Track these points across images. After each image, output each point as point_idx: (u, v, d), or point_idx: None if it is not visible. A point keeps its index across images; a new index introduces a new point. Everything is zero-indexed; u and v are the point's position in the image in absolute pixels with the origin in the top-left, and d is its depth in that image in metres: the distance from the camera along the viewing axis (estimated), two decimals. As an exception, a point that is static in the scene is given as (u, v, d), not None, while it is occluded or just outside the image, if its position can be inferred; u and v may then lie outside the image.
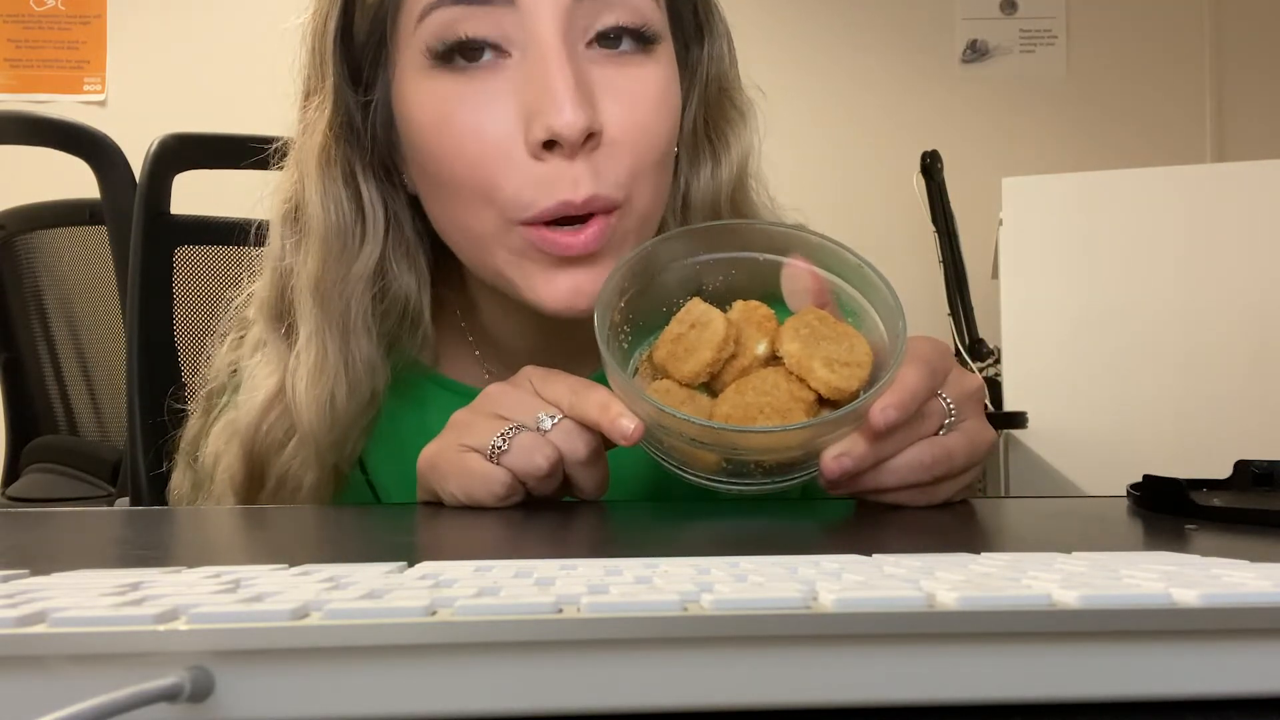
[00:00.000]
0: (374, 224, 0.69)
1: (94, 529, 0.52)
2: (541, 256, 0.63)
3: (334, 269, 0.68)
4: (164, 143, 1.06)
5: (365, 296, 0.69)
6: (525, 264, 0.64)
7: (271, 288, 0.72)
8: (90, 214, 1.54)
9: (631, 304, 0.62)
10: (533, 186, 0.61)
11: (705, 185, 0.72)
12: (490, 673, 0.20)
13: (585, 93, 0.61)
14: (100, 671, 0.20)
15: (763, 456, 0.56)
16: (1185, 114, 2.88)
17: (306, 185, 0.69)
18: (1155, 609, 0.21)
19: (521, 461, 0.57)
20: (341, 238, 0.68)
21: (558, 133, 0.60)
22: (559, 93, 0.60)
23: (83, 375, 1.78)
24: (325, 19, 0.68)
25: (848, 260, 0.61)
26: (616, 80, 0.63)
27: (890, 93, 2.90)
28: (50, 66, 2.86)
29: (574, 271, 0.63)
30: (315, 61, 0.69)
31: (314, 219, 0.69)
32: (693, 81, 0.72)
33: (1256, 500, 0.58)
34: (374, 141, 0.69)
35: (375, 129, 0.68)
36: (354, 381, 0.68)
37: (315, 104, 0.69)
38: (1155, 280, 1.86)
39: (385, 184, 0.70)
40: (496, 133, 0.62)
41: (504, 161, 0.62)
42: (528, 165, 0.62)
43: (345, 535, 0.53)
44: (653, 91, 0.65)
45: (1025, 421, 1.89)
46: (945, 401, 0.57)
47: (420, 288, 0.71)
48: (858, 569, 0.27)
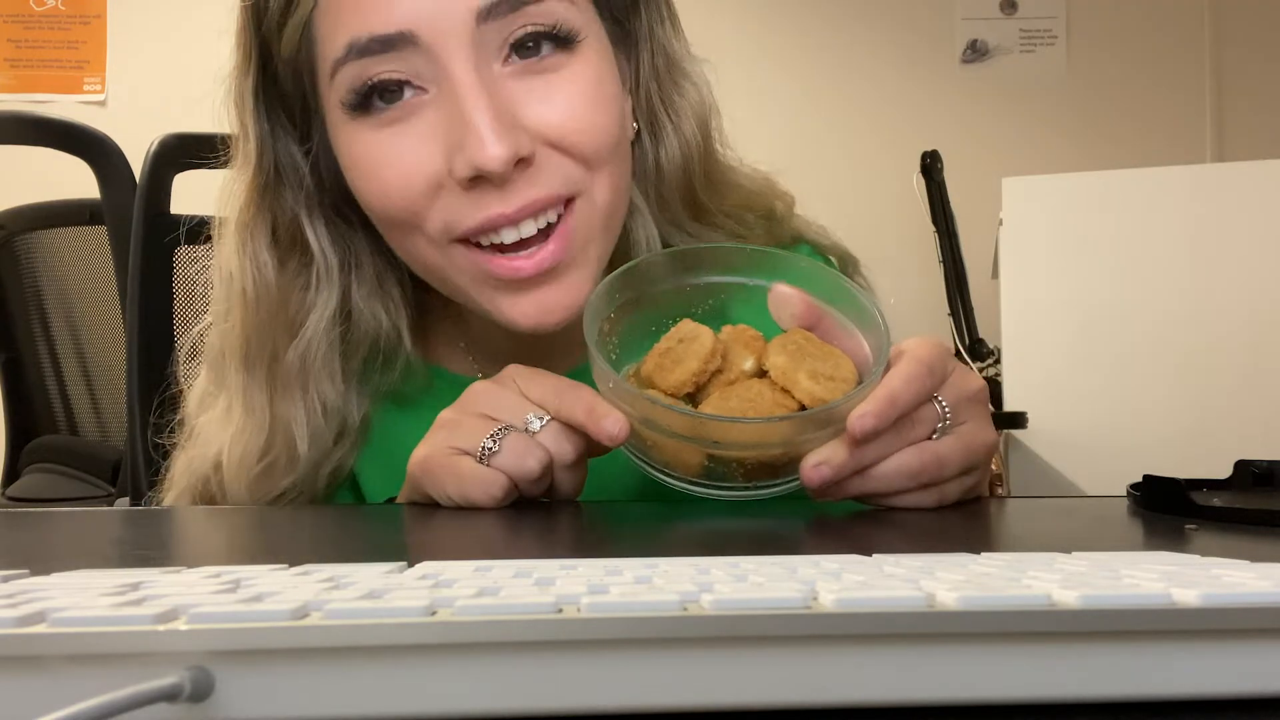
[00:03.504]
0: (327, 269, 0.69)
1: (94, 529, 0.52)
2: (495, 282, 0.63)
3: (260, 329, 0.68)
4: (164, 143, 1.06)
5: (323, 342, 0.68)
6: (485, 288, 0.64)
7: (220, 340, 0.72)
8: (90, 214, 1.54)
9: (620, 324, 0.62)
10: (463, 208, 0.61)
11: (674, 158, 0.72)
12: (490, 673, 0.20)
13: (505, 120, 0.60)
14: (100, 671, 0.20)
15: (744, 453, 0.56)
16: (1185, 114, 2.88)
17: (226, 247, 0.69)
18: (1155, 609, 0.21)
19: (513, 464, 0.57)
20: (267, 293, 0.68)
21: (483, 168, 0.59)
22: (478, 128, 0.59)
23: (83, 375, 1.78)
24: (242, 79, 0.67)
25: (832, 281, 0.62)
26: (542, 88, 0.62)
27: (890, 93, 2.90)
28: (50, 66, 2.86)
29: (538, 290, 0.63)
30: (237, 122, 0.68)
31: (234, 281, 0.69)
32: (639, 54, 0.71)
33: (1256, 500, 0.58)
34: (323, 186, 0.69)
35: (322, 174, 0.68)
36: (311, 432, 0.68)
37: (239, 164, 0.69)
38: (1155, 280, 1.86)
39: (339, 224, 0.70)
40: (424, 172, 0.61)
41: (433, 194, 0.62)
42: (458, 195, 0.61)
43: (345, 535, 0.53)
44: (582, 88, 0.63)
45: (1025, 421, 1.89)
46: (941, 405, 0.56)
47: (395, 318, 0.71)
48: (858, 569, 0.27)
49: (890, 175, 2.66)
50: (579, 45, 0.63)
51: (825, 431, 0.54)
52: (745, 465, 0.57)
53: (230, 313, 0.70)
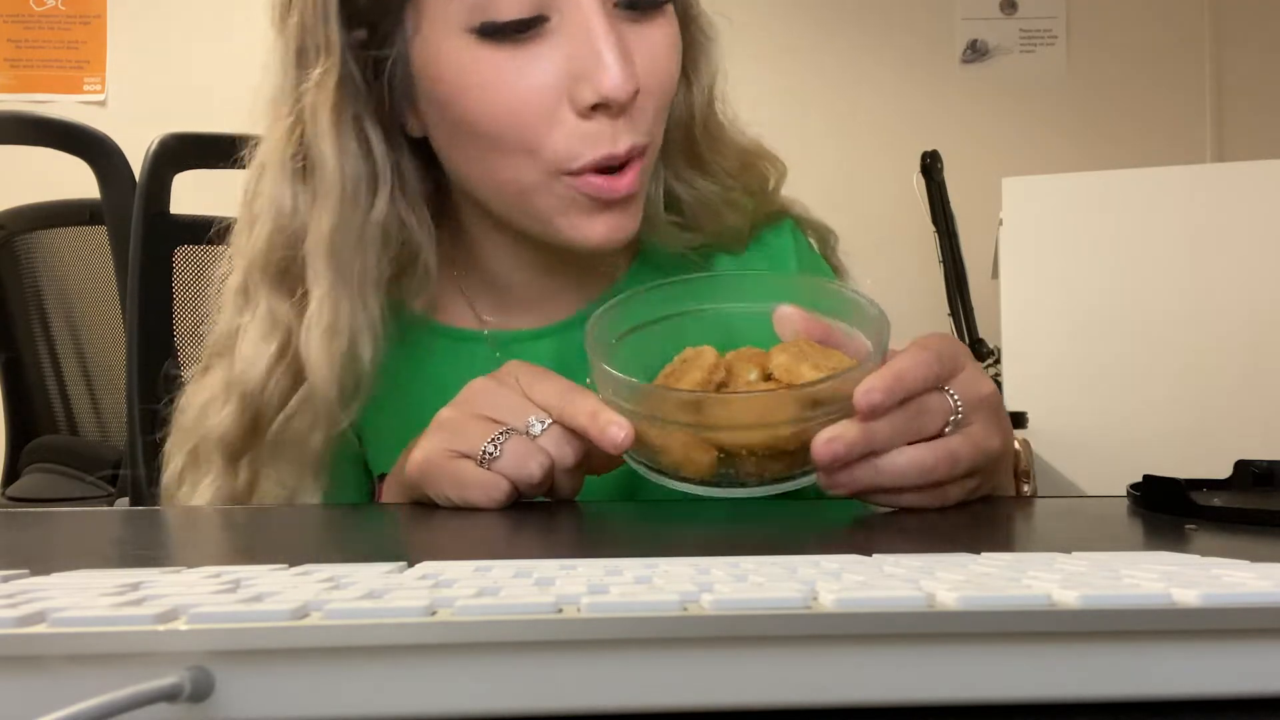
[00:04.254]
0: (384, 177, 0.70)
1: (94, 529, 0.52)
2: (585, 202, 0.66)
3: (348, 226, 0.68)
4: (164, 142, 1.06)
5: (375, 250, 0.69)
6: (569, 210, 0.67)
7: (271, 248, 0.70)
8: (90, 214, 1.54)
9: (619, 353, 0.62)
10: (579, 141, 0.64)
11: (681, 108, 0.75)
12: (490, 673, 0.20)
13: (627, 54, 0.64)
14: (100, 671, 0.20)
15: (751, 436, 0.55)
16: (1185, 114, 2.88)
17: (319, 141, 0.68)
18: (1155, 609, 0.21)
19: (515, 469, 0.57)
20: (355, 194, 0.69)
21: (608, 96, 0.62)
22: (606, 57, 0.62)
23: (83, 375, 1.79)
24: None
25: (831, 292, 0.64)
26: (641, 38, 0.66)
27: (890, 93, 2.90)
28: (50, 66, 2.86)
29: (612, 213, 0.67)
30: (318, 19, 0.67)
31: (329, 176, 0.68)
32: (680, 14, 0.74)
33: (1256, 500, 0.58)
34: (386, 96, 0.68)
35: (389, 83, 0.68)
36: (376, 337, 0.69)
37: (320, 61, 0.68)
38: (1155, 280, 1.86)
39: (390, 133, 0.70)
40: (542, 97, 0.64)
41: (549, 121, 0.64)
42: (574, 123, 0.64)
43: (345, 535, 0.53)
44: (669, 45, 0.68)
45: (1025, 421, 1.89)
46: (952, 398, 0.55)
47: (427, 235, 0.73)
48: (858, 569, 0.27)
49: (890, 175, 2.66)
50: (667, 7, 0.68)
51: (834, 413, 0.53)
52: (756, 454, 0.56)
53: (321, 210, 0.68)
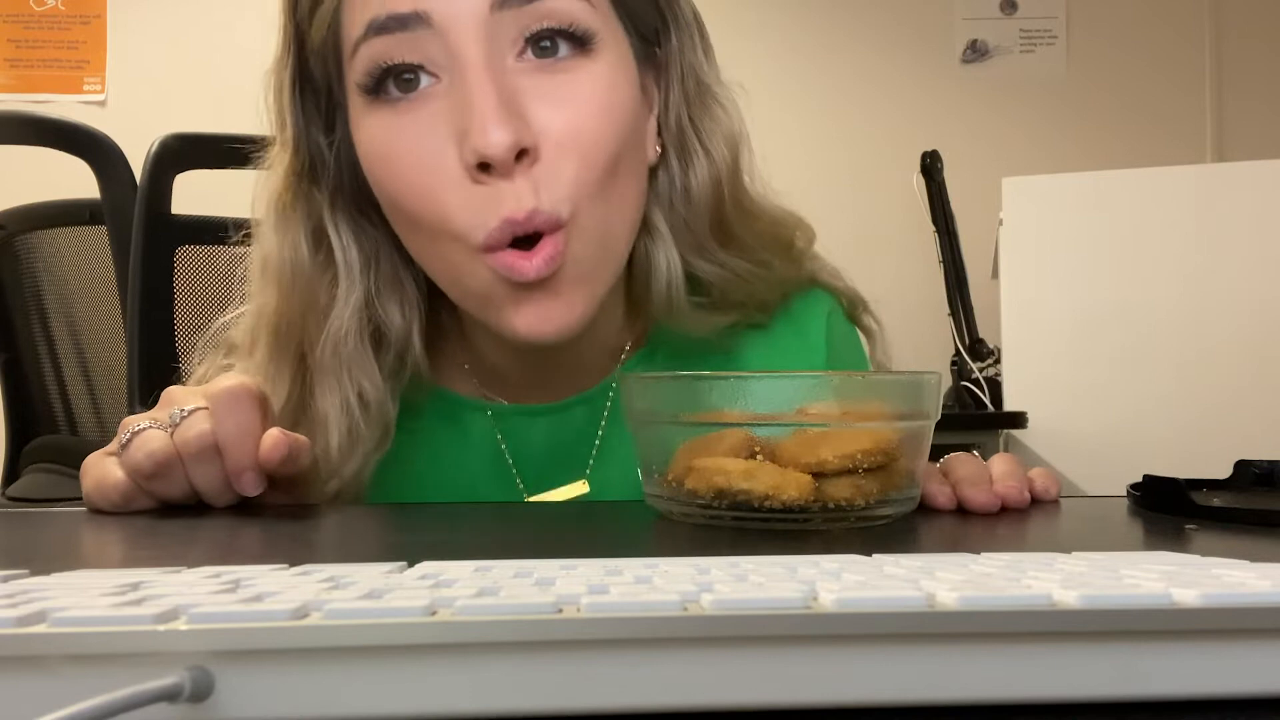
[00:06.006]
0: (348, 265, 0.68)
1: (94, 529, 0.52)
2: (506, 287, 0.61)
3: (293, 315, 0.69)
4: (165, 143, 1.06)
5: (352, 336, 0.68)
6: (492, 296, 0.62)
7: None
8: (90, 214, 1.53)
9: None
10: (476, 208, 0.60)
11: (703, 183, 0.70)
12: (490, 673, 0.20)
13: (511, 108, 0.59)
14: (100, 671, 0.20)
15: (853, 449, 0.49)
16: (1185, 114, 2.88)
17: (264, 229, 0.69)
18: (1155, 609, 0.21)
19: (129, 460, 0.56)
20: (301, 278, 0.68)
21: (483, 154, 0.58)
22: (481, 112, 0.58)
23: (83, 375, 1.78)
24: (280, 67, 0.68)
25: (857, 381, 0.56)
26: (551, 87, 0.61)
27: (890, 93, 2.90)
28: (50, 66, 2.86)
29: (538, 300, 0.61)
30: (275, 110, 0.69)
31: (270, 262, 0.69)
32: (669, 78, 0.71)
33: (1256, 500, 0.58)
34: (344, 181, 0.69)
35: (343, 169, 0.68)
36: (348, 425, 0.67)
37: (275, 151, 0.70)
38: (1155, 280, 1.86)
39: (361, 222, 0.70)
40: (435, 160, 0.61)
41: (449, 188, 0.61)
42: (469, 189, 0.60)
43: (345, 535, 0.53)
44: (590, 93, 0.62)
45: (1025, 421, 1.89)
46: None
47: (408, 318, 0.70)
48: (858, 569, 0.27)
49: (890, 175, 2.66)
50: (595, 49, 0.63)
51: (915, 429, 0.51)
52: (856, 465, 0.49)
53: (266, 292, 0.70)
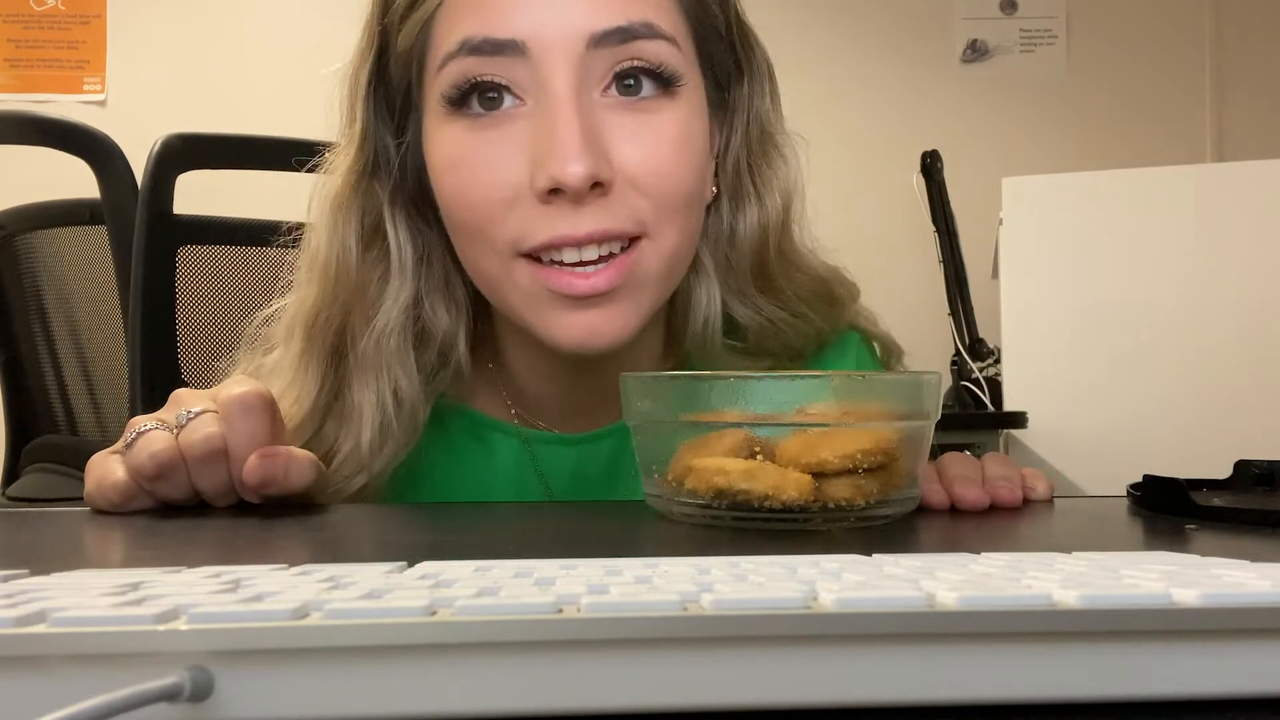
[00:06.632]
0: (401, 263, 0.69)
1: (94, 529, 0.52)
2: (551, 297, 0.63)
3: (333, 308, 0.69)
4: (167, 143, 1.06)
5: (396, 333, 0.69)
6: (540, 304, 0.63)
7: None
8: (90, 214, 1.53)
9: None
10: (532, 223, 0.62)
11: (751, 227, 0.72)
12: (490, 673, 0.20)
13: (593, 142, 0.61)
14: (100, 671, 0.20)
15: (852, 448, 0.49)
16: (1185, 114, 2.88)
17: (317, 223, 0.70)
18: (1155, 609, 0.21)
19: (132, 460, 0.56)
20: (349, 272, 0.69)
21: (561, 181, 0.59)
22: (564, 142, 0.59)
23: (83, 375, 1.78)
24: (360, 65, 0.69)
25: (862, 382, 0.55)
26: (634, 126, 0.63)
27: (890, 93, 2.90)
28: (50, 66, 2.86)
29: (588, 311, 0.62)
30: (347, 105, 0.70)
31: (318, 256, 0.70)
32: (734, 122, 0.72)
33: (1256, 500, 0.58)
34: (405, 182, 0.70)
35: (406, 171, 0.69)
36: (382, 421, 0.68)
37: (342, 146, 0.70)
38: (1155, 280, 1.86)
39: (418, 222, 0.71)
40: (505, 180, 0.62)
41: (509, 206, 0.62)
42: (531, 206, 0.62)
43: (345, 535, 0.53)
44: (672, 133, 0.64)
45: (1025, 421, 1.89)
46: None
47: (456, 321, 0.71)
48: (858, 569, 0.27)
49: (890, 175, 2.66)
50: (678, 92, 0.64)
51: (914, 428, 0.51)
52: (856, 465, 0.49)
53: (309, 286, 0.71)
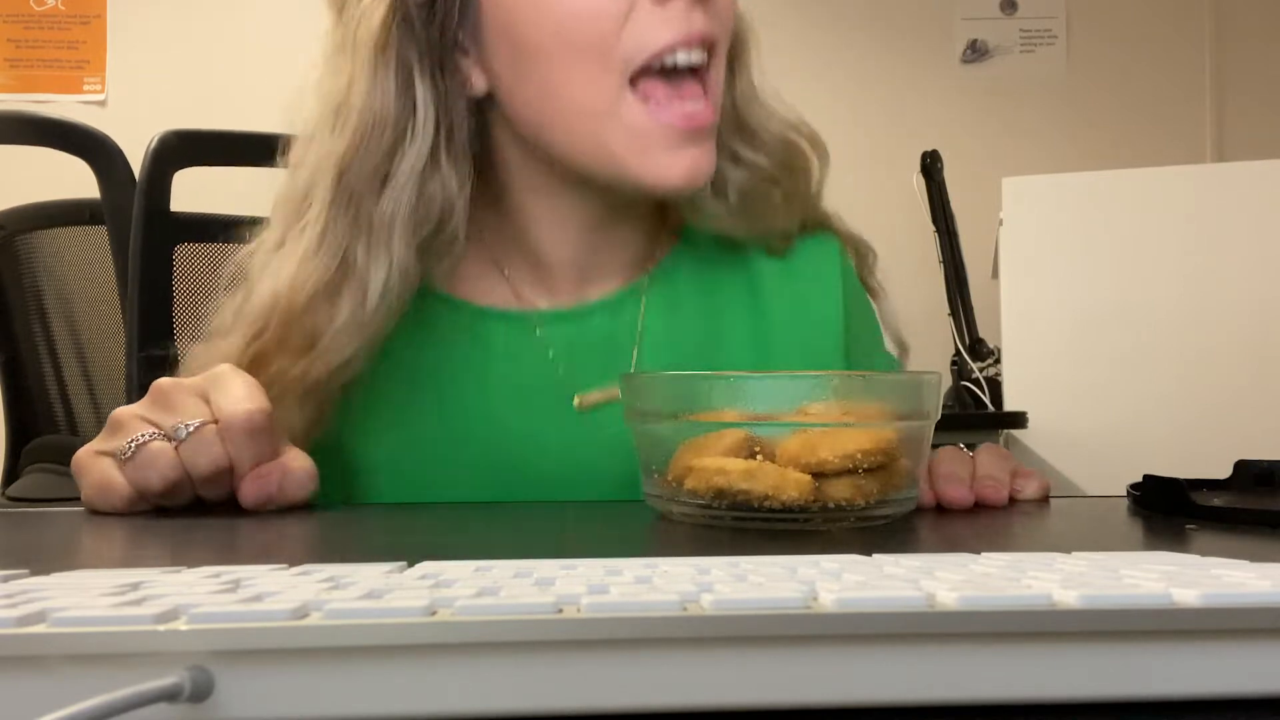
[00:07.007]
0: (424, 123, 0.68)
1: (94, 529, 0.52)
2: (665, 133, 0.66)
3: (364, 157, 0.67)
4: (164, 140, 1.06)
5: (408, 197, 0.67)
6: (648, 143, 0.66)
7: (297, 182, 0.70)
8: (90, 214, 1.53)
9: None
10: (654, 27, 0.65)
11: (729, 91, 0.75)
12: (490, 673, 0.20)
13: None
14: (100, 671, 0.20)
15: (853, 447, 0.48)
16: (1185, 114, 2.88)
17: (355, 72, 0.68)
18: (1155, 609, 0.21)
19: (137, 475, 0.56)
20: (380, 128, 0.67)
21: None
22: None
23: (83, 375, 1.78)
24: None
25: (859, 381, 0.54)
26: None
27: (890, 93, 2.90)
28: (50, 66, 2.86)
29: (691, 149, 0.67)
30: None
31: (356, 106, 0.67)
32: None
33: (1256, 500, 0.58)
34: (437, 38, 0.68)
35: (441, 25, 0.68)
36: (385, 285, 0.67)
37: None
38: (1155, 280, 1.86)
39: (441, 85, 0.69)
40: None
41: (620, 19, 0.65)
42: (648, 11, 0.65)
43: (345, 535, 0.53)
44: None
45: (1025, 421, 1.89)
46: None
47: (462, 199, 0.70)
48: (858, 569, 0.27)
49: (890, 175, 2.66)
50: None
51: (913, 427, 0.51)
52: (856, 465, 0.48)
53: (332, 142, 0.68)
